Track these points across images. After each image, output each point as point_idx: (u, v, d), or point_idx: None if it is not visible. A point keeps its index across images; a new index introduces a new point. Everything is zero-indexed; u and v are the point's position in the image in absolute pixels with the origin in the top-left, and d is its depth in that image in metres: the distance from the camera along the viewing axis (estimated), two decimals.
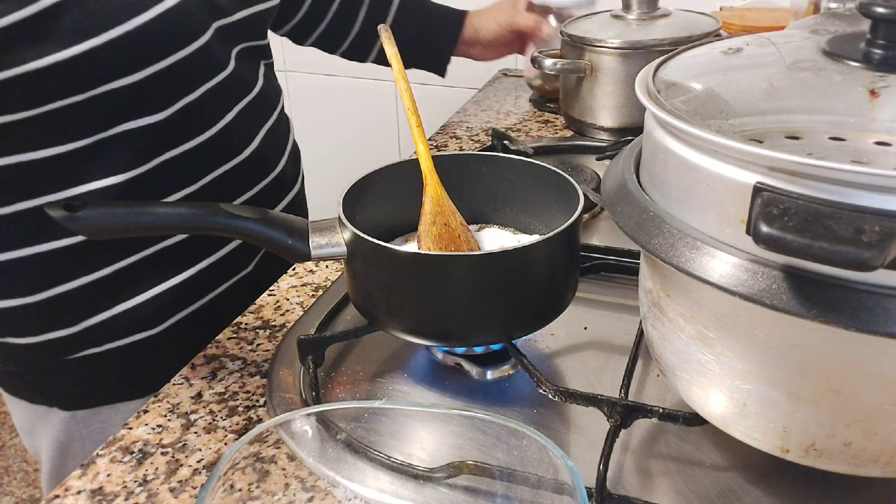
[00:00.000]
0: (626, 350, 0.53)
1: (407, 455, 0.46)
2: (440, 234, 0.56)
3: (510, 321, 0.51)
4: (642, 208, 0.39)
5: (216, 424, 0.51)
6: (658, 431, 0.48)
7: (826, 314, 0.31)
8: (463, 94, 1.28)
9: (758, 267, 0.33)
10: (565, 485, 0.34)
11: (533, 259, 0.49)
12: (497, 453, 0.39)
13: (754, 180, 0.32)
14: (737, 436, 0.41)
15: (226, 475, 0.35)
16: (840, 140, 0.35)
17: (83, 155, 0.64)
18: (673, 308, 0.40)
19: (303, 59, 1.42)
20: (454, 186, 0.58)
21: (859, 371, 0.34)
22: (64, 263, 0.67)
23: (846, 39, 0.40)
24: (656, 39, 0.86)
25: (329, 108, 1.47)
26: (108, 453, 0.49)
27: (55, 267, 0.67)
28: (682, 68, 0.44)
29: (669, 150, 0.38)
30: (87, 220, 0.49)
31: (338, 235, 0.52)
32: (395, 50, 0.56)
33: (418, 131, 0.56)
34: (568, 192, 0.54)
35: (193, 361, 0.58)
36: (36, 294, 0.68)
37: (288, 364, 0.55)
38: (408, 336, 0.51)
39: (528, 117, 1.05)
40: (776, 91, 0.39)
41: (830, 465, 0.38)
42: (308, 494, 0.43)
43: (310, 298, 0.65)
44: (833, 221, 0.29)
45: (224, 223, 0.51)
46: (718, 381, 0.39)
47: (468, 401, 0.52)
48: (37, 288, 0.67)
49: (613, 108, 0.91)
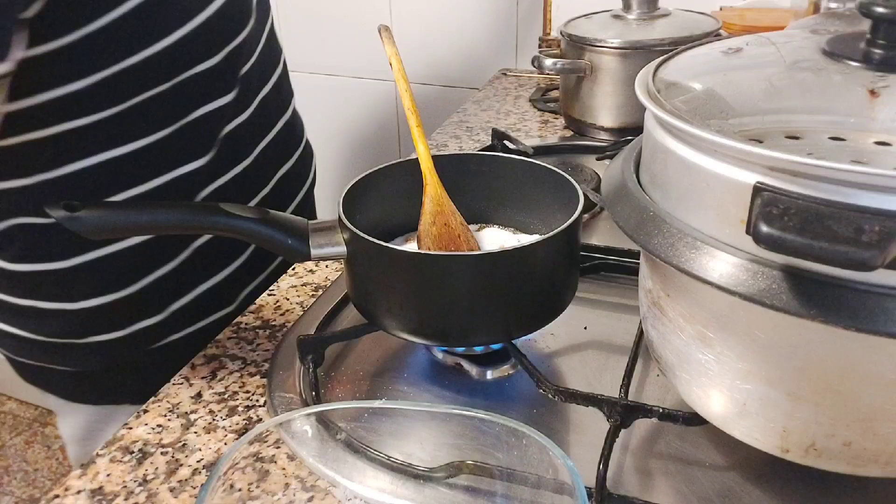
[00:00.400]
0: (626, 350, 0.53)
1: (407, 455, 0.46)
2: (440, 234, 0.56)
3: (510, 321, 0.51)
4: (642, 208, 0.39)
5: (216, 424, 0.51)
6: (658, 431, 0.48)
7: (826, 314, 0.31)
8: (463, 94, 1.28)
9: (758, 267, 0.33)
10: (565, 485, 0.34)
11: (533, 259, 0.49)
12: (497, 453, 0.39)
13: (754, 180, 0.32)
14: (737, 436, 0.41)
15: (226, 475, 0.35)
16: (840, 140, 0.35)
17: (166, 144, 0.65)
18: (673, 308, 0.40)
19: (303, 59, 1.42)
20: (454, 186, 0.58)
21: (859, 371, 0.34)
22: (153, 253, 0.68)
23: (846, 39, 0.40)
24: (656, 39, 0.86)
25: (329, 108, 1.47)
26: (108, 453, 0.49)
27: (144, 258, 0.68)
28: (682, 68, 0.44)
29: (669, 150, 0.38)
30: (86, 221, 0.49)
31: (338, 235, 0.52)
32: (395, 50, 0.56)
33: (418, 131, 0.56)
34: (568, 192, 0.54)
35: (193, 361, 0.58)
36: (127, 288, 0.69)
37: (288, 364, 0.55)
38: (408, 336, 0.51)
39: (528, 117, 1.05)
40: (776, 91, 0.39)
41: (830, 465, 0.38)
42: (308, 494, 0.43)
43: (310, 298, 0.65)
44: (833, 221, 0.29)
45: (224, 223, 0.51)
46: (718, 381, 0.39)
47: (468, 401, 0.52)
48: (128, 281, 0.69)
49: (613, 108, 0.91)
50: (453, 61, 1.33)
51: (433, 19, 1.30)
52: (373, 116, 1.45)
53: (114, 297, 0.68)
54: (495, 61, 1.28)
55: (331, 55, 1.43)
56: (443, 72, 1.33)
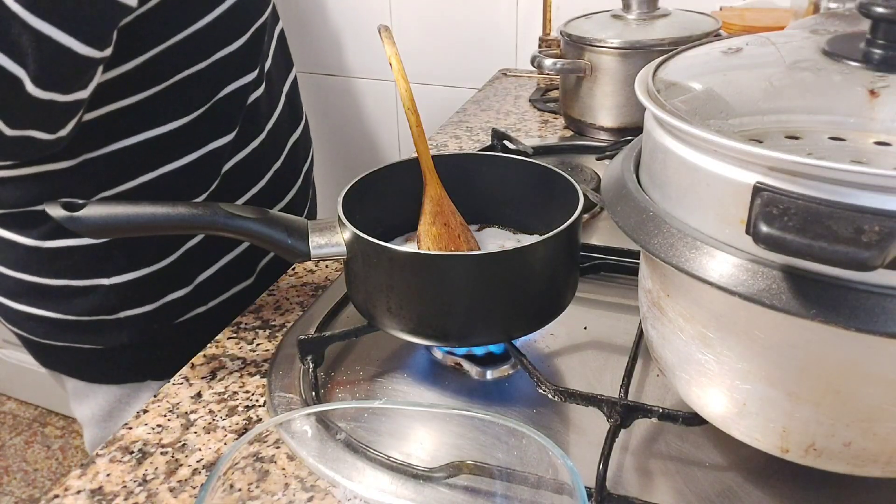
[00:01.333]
0: (625, 350, 0.53)
1: (407, 455, 0.46)
2: (440, 234, 0.56)
3: (510, 321, 0.51)
4: (642, 208, 0.39)
5: (216, 424, 0.51)
6: (658, 431, 0.48)
7: (826, 314, 0.31)
8: (463, 94, 1.28)
9: (757, 267, 0.33)
10: (565, 485, 0.34)
11: (533, 259, 0.49)
12: (497, 453, 0.39)
13: (754, 180, 0.32)
14: (736, 436, 0.41)
15: (225, 475, 0.35)
16: (840, 140, 0.35)
17: (200, 121, 0.68)
18: (673, 308, 0.40)
19: (302, 59, 1.42)
20: (454, 186, 0.58)
21: (859, 371, 0.34)
22: None
23: (846, 39, 0.40)
24: (656, 39, 0.86)
25: (329, 108, 1.47)
26: (108, 453, 0.49)
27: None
28: (682, 68, 0.44)
29: (669, 150, 0.38)
30: (86, 220, 0.50)
31: (337, 235, 0.52)
32: (395, 50, 0.56)
33: (418, 131, 0.56)
34: (568, 192, 0.54)
35: (193, 361, 0.58)
36: (160, 261, 0.71)
37: (288, 364, 0.55)
38: (408, 336, 0.51)
39: (527, 117, 1.05)
40: (776, 91, 0.39)
41: (830, 465, 0.38)
42: (308, 494, 0.43)
43: (310, 298, 0.65)
44: (833, 221, 0.29)
45: (223, 223, 0.51)
46: (718, 381, 0.39)
47: (468, 401, 0.52)
48: (162, 254, 0.71)
49: (613, 108, 0.91)
50: (453, 61, 1.32)
51: (433, 19, 1.30)
52: (373, 116, 1.45)
53: (148, 270, 0.70)
54: (495, 61, 1.28)
55: (331, 55, 1.43)
56: (443, 72, 1.33)
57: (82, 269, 0.70)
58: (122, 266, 0.70)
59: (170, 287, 0.72)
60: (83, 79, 0.57)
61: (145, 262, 0.70)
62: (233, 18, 0.67)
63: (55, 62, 0.53)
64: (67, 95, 0.56)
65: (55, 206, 0.49)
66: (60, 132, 0.59)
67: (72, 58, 0.54)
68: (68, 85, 0.56)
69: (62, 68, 0.54)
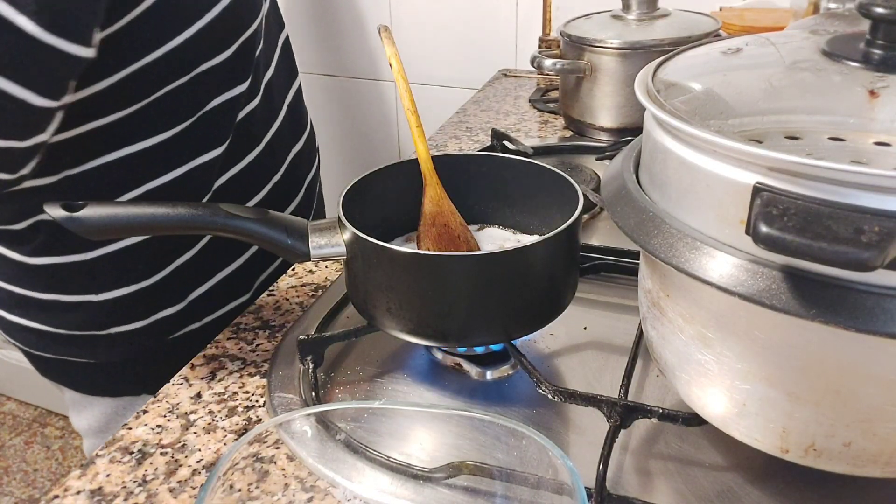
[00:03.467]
0: (625, 350, 0.53)
1: (406, 455, 0.46)
2: (440, 235, 0.56)
3: (510, 321, 0.51)
4: (642, 208, 0.39)
5: (216, 424, 0.51)
6: (658, 431, 0.48)
7: (826, 314, 0.31)
8: (463, 94, 1.28)
9: (757, 267, 0.33)
10: (565, 485, 0.34)
11: (533, 259, 0.49)
12: (497, 453, 0.39)
13: (754, 180, 0.32)
14: (736, 436, 0.41)
15: (225, 475, 0.35)
16: (840, 140, 0.35)
17: (186, 135, 0.66)
18: (672, 308, 0.40)
19: (302, 59, 1.42)
20: (454, 186, 0.58)
21: (859, 371, 0.34)
22: (175, 241, 0.69)
23: (846, 39, 0.40)
24: (656, 39, 0.86)
25: (329, 108, 1.47)
26: (108, 453, 0.49)
27: (167, 246, 0.69)
28: (682, 68, 0.44)
29: (669, 150, 0.38)
30: (85, 221, 0.49)
31: (337, 235, 0.52)
32: (395, 50, 0.56)
33: (418, 131, 0.56)
34: (568, 192, 0.54)
35: (193, 361, 0.58)
36: (150, 277, 0.69)
37: (287, 364, 0.55)
38: (408, 336, 0.51)
39: (527, 118, 1.05)
40: (776, 91, 0.39)
41: (830, 466, 0.38)
42: (308, 495, 0.43)
43: (310, 298, 0.65)
44: (833, 221, 0.29)
45: (223, 223, 0.51)
46: (718, 382, 0.39)
47: (468, 401, 0.52)
48: (151, 271, 0.69)
49: (613, 108, 0.91)
50: (453, 61, 1.32)
51: (433, 20, 1.30)
52: (373, 116, 1.45)
53: (136, 287, 0.69)
54: (495, 61, 1.28)
55: (331, 55, 1.43)
56: (443, 72, 1.33)
57: (69, 285, 0.69)
58: (110, 283, 0.69)
59: (161, 304, 0.71)
60: (42, 126, 0.56)
61: (133, 279, 0.69)
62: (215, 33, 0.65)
63: (12, 114, 0.53)
64: (26, 142, 0.55)
65: (55, 206, 0.49)
66: (22, 171, 0.58)
67: (27, 109, 0.53)
68: (27, 133, 0.55)
69: (18, 119, 0.54)
